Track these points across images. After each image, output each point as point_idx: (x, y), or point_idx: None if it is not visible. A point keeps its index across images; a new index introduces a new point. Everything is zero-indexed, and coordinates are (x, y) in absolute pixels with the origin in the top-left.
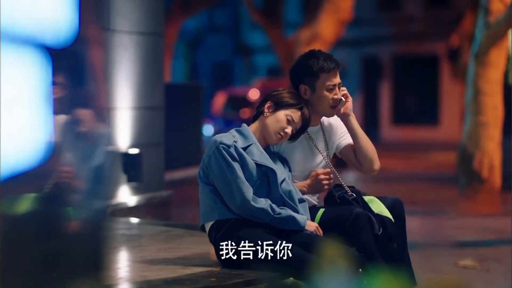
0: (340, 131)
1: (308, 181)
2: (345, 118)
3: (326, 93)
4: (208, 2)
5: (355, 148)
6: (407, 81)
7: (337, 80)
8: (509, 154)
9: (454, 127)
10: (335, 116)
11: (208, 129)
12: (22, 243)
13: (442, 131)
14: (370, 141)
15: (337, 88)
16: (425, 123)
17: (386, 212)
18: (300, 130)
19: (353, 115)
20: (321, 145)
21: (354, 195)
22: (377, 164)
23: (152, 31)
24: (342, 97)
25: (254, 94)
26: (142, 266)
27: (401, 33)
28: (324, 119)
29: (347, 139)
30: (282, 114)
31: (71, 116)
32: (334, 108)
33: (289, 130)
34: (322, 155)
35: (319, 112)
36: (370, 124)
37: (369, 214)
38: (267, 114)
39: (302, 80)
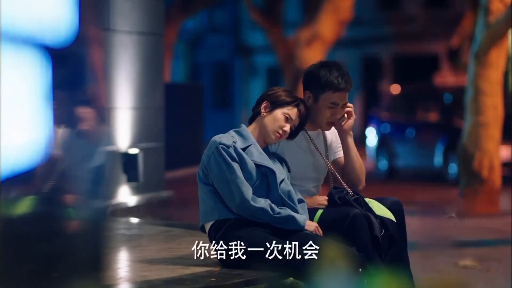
0: (337, 141)
1: (309, 199)
2: (343, 135)
3: (326, 109)
4: (208, 2)
5: (345, 165)
6: (407, 81)
7: (343, 101)
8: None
9: None
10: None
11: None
12: (22, 243)
13: None
14: (361, 163)
15: (339, 108)
16: None
17: (387, 214)
18: (298, 127)
19: (351, 134)
20: (321, 147)
21: (356, 195)
22: (362, 185)
23: (152, 31)
24: (345, 114)
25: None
26: (142, 266)
27: (401, 33)
28: None
29: (341, 152)
30: (279, 113)
31: (72, 114)
32: (331, 124)
33: (287, 128)
34: (323, 156)
35: (316, 123)
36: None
37: (369, 215)
38: (264, 114)
39: (308, 87)
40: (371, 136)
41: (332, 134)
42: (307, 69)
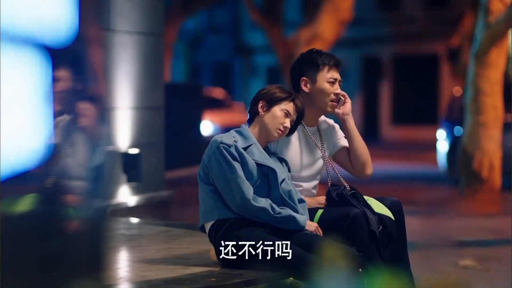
0: (337, 134)
1: (309, 199)
2: (343, 119)
3: (327, 85)
4: (208, 2)
5: (349, 150)
6: (407, 81)
7: (338, 76)
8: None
9: None
10: (331, 120)
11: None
12: (22, 243)
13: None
14: (365, 145)
15: (337, 84)
16: (425, 123)
17: (386, 211)
18: (296, 122)
19: (351, 116)
20: (318, 144)
21: (353, 190)
22: (369, 169)
23: (152, 31)
24: (342, 97)
25: None
26: (142, 266)
27: (401, 33)
28: (321, 121)
29: (342, 142)
30: (277, 110)
31: (72, 111)
32: (334, 103)
33: (287, 123)
34: (321, 151)
35: (319, 106)
36: (370, 124)
37: (366, 210)
38: (262, 113)
39: (303, 73)
40: (442, 139)
41: (330, 129)
42: (295, 62)
